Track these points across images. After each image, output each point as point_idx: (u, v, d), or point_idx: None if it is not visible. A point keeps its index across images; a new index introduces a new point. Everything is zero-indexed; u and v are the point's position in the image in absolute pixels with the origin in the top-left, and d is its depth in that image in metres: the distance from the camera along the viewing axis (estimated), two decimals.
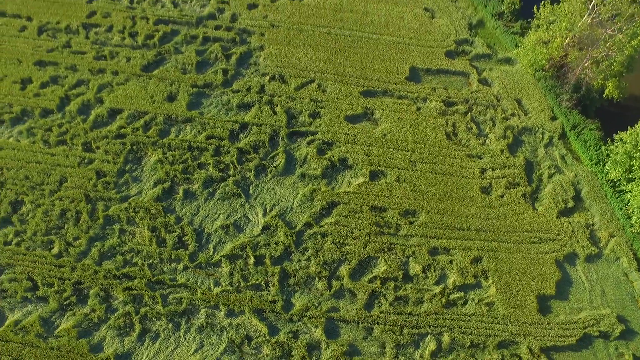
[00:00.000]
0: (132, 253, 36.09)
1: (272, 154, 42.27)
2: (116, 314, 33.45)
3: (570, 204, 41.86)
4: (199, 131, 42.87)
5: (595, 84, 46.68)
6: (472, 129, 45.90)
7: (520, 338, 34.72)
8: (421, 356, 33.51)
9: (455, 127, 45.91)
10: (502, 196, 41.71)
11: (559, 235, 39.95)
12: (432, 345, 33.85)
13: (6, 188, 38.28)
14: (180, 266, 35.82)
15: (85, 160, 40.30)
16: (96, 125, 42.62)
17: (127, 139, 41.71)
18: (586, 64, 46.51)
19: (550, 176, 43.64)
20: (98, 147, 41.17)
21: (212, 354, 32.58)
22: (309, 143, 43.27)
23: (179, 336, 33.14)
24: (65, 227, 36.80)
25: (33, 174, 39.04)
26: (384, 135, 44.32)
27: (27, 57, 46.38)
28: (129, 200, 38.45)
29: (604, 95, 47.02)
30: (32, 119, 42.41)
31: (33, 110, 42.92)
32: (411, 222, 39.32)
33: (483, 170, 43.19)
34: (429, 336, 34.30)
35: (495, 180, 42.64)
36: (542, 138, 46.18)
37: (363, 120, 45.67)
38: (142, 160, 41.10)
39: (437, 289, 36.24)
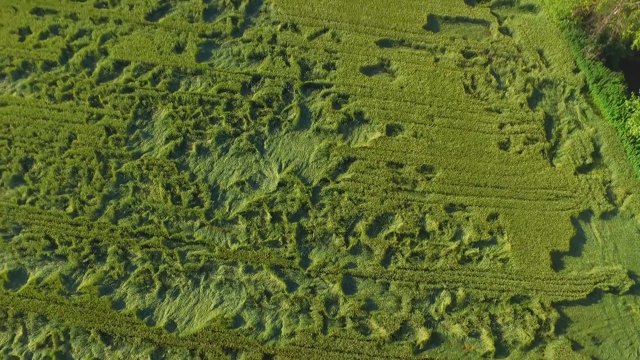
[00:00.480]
0: (148, 211, 35.83)
1: (286, 108, 40.95)
2: (135, 271, 33.69)
3: (589, 160, 41.20)
4: (209, 84, 41.25)
5: (623, 34, 44.41)
6: (491, 81, 44.28)
7: (533, 293, 35.33)
8: (436, 310, 34.25)
9: (474, 80, 44.26)
10: (520, 152, 40.97)
11: (575, 192, 39.66)
12: (447, 300, 34.50)
13: (15, 146, 37.29)
14: (197, 223, 35.72)
15: (94, 116, 39.01)
16: (102, 79, 40.89)
17: (135, 93, 40.16)
18: (615, 12, 44.05)
19: (569, 131, 42.64)
20: (106, 102, 39.71)
21: (232, 309, 33.20)
22: (323, 96, 41.81)
23: (199, 292, 33.62)
24: (79, 185, 36.26)
25: (41, 131, 37.90)
26: (401, 88, 42.77)
27: (23, 5, 43.56)
28: (141, 157, 37.66)
29: (631, 46, 44.87)
30: (34, 72, 40.53)
31: (35, 63, 40.94)
32: (428, 178, 38.86)
33: (501, 125, 42.13)
34: (444, 291, 34.88)
35: (513, 136, 41.71)
36: (563, 91, 44.68)
37: (379, 72, 43.91)
38: (152, 115, 39.82)
39: (453, 245, 36.42)
